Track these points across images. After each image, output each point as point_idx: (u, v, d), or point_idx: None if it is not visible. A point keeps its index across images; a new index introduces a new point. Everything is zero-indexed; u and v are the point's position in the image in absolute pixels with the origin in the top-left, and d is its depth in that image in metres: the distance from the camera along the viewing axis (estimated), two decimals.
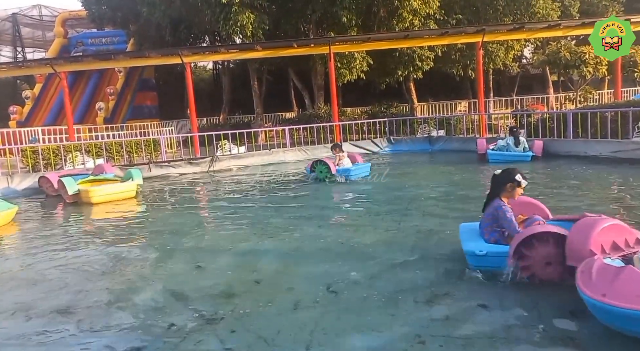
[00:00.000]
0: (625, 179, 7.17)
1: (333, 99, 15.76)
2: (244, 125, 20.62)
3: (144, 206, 7.70)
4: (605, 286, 2.41)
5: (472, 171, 9.16)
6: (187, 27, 20.22)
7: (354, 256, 4.13)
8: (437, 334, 2.60)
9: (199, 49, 18.96)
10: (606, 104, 15.40)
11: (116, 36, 25.07)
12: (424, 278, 3.45)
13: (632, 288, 2.32)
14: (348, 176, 8.38)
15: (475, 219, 4.09)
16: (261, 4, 17.15)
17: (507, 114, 15.33)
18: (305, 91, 22.34)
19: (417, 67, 18.99)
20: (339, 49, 16.06)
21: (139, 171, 8.67)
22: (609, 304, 2.32)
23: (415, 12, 17.58)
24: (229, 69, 25.39)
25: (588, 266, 2.63)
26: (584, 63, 15.41)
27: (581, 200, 5.91)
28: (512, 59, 21.82)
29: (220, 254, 4.44)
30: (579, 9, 22.10)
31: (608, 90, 21.18)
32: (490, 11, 19.84)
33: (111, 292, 3.57)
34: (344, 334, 2.68)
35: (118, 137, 15.05)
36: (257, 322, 2.88)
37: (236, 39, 19.13)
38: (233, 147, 13.22)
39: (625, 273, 2.42)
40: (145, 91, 25.75)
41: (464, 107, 23.54)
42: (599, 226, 2.91)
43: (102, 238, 5.42)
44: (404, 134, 15.02)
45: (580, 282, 2.57)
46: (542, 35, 17.01)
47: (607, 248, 2.86)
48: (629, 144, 8.99)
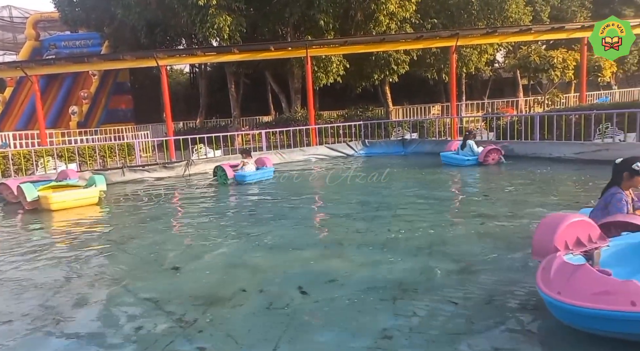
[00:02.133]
0: (585, 179, 7.49)
1: (310, 103, 15.88)
2: (221, 129, 20.48)
3: (106, 212, 7.46)
4: (562, 284, 2.46)
5: (435, 172, 9.35)
6: (163, 29, 20.05)
7: (326, 256, 4.21)
8: (403, 329, 2.68)
9: (175, 51, 18.81)
10: (571, 107, 15.99)
11: (90, 39, 24.64)
12: (393, 276, 3.54)
13: (586, 286, 2.36)
14: (243, 180, 9.10)
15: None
16: (238, 6, 17.15)
17: (479, 117, 15.74)
18: (283, 95, 22.40)
19: (392, 70, 19.31)
20: (316, 53, 16.20)
21: (102, 177, 8.51)
22: (563, 302, 2.37)
23: (392, 15, 17.88)
24: (206, 72, 25.24)
25: (549, 263, 2.68)
26: (552, 67, 16.00)
27: (541, 199, 6.15)
28: (485, 63, 22.40)
29: (188, 258, 4.43)
30: (549, 15, 22.90)
31: (574, 94, 21.98)
32: (464, 15, 20.34)
33: (73, 298, 3.52)
34: (313, 331, 2.75)
35: (92, 142, 14.78)
36: (228, 323, 2.91)
37: (213, 41, 19.04)
38: (209, 151, 13.16)
39: (581, 272, 2.46)
40: (120, 94, 25.36)
41: (438, 111, 24.02)
42: (565, 222, 2.92)
43: (59, 244, 5.33)
44: (379, 137, 15.25)
45: (540, 279, 2.61)
46: (514, 39, 17.56)
47: (570, 244, 2.89)
48: (591, 146, 9.38)
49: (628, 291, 2.25)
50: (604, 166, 8.51)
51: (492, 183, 7.90)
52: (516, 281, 3.28)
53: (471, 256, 3.94)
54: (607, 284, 2.34)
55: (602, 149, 9.11)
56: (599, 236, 2.98)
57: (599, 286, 2.34)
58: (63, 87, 23.59)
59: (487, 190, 7.15)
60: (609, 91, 25.24)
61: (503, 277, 3.40)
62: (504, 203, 6.10)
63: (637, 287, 2.26)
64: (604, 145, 9.24)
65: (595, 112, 10.27)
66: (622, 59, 23.52)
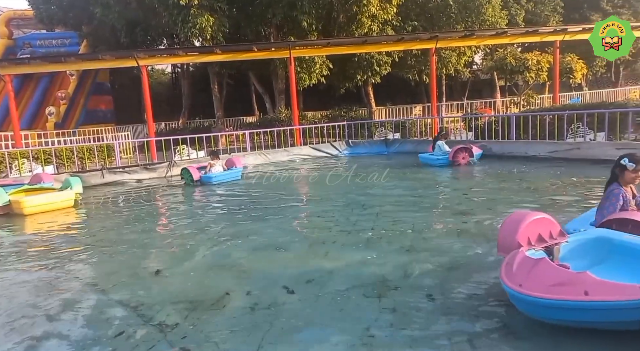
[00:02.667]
0: (558, 176, 7.80)
1: (293, 103, 15.95)
2: (204, 129, 20.35)
3: (84, 215, 7.31)
4: (523, 277, 2.60)
5: (417, 172, 9.56)
6: (144, 29, 19.78)
7: (310, 256, 4.27)
8: (385, 326, 2.75)
9: (156, 51, 18.60)
10: (546, 107, 16.53)
11: (68, 38, 24.09)
12: (377, 274, 3.62)
13: (544, 279, 2.52)
14: (210, 181, 9.43)
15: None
16: (221, 7, 17.08)
17: (458, 118, 16.11)
18: (267, 95, 22.39)
19: (375, 72, 19.55)
20: (299, 54, 16.28)
21: (78, 179, 8.31)
22: (524, 293, 2.51)
23: (374, 17, 18.12)
24: (189, 73, 25.02)
25: (512, 259, 2.84)
26: (527, 69, 16.50)
27: (519, 196, 6.39)
28: (464, 65, 22.90)
29: (169, 261, 4.41)
30: (523, 18, 23.59)
31: (548, 94, 22.69)
32: (443, 18, 20.76)
33: (50, 304, 3.45)
34: (297, 331, 2.77)
35: (70, 143, 14.51)
36: (210, 326, 2.89)
37: (195, 42, 18.92)
38: (192, 151, 13.11)
39: (540, 265, 2.63)
40: (100, 94, 24.88)
41: (419, 111, 24.42)
42: (527, 219, 3.11)
43: (33, 249, 5.21)
44: (362, 137, 15.44)
45: (503, 273, 2.75)
46: (491, 42, 18.03)
47: (533, 240, 3.05)
48: (564, 145, 9.76)
49: (581, 281, 2.42)
50: (577, 163, 8.93)
51: (472, 181, 8.13)
52: (494, 277, 3.39)
53: (452, 253, 4.06)
54: (563, 276, 2.51)
55: (574, 148, 9.50)
56: (559, 232, 3.18)
57: (556, 278, 2.50)
58: (39, 87, 22.98)
59: (466, 189, 7.36)
60: (580, 92, 26.16)
61: (482, 273, 3.52)
62: (483, 200, 6.30)
63: (590, 278, 2.44)
64: (575, 144, 9.62)
65: (568, 112, 10.69)
66: (591, 62, 24.44)
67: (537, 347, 2.46)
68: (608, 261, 3.09)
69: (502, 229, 3.22)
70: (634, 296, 2.26)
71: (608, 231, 3.30)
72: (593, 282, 2.40)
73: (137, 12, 18.46)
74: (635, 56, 27.10)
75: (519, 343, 2.51)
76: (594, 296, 2.32)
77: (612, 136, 9.88)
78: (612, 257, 3.11)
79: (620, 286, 2.36)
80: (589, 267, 2.96)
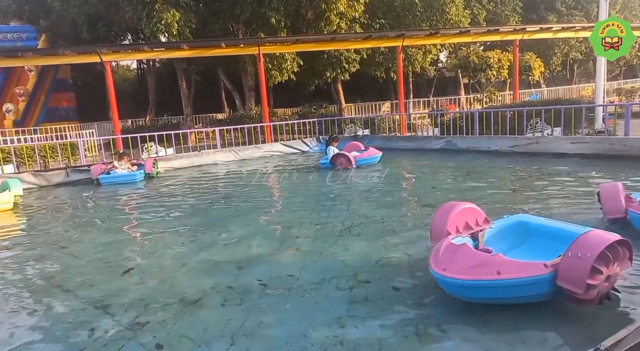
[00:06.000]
0: (518, 169, 8.25)
1: (264, 100, 15.94)
2: (173, 127, 20.00)
3: (20, 218, 7.04)
4: (447, 261, 2.82)
5: (385, 167, 9.84)
6: (107, 24, 19.19)
7: (282, 251, 4.34)
8: (357, 317, 2.84)
9: (120, 47, 18.06)
10: (506, 104, 17.28)
11: (24, 32, 22.91)
12: (348, 267, 3.73)
13: (464, 262, 2.76)
14: (106, 182, 9.84)
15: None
16: (187, 2, 16.79)
17: (425, 114, 16.59)
18: (236, 92, 22.22)
19: (344, 69, 19.80)
20: (268, 50, 16.26)
21: (17, 181, 8.10)
22: (447, 276, 2.72)
23: (342, 15, 18.32)
24: (155, 69, 24.45)
25: (439, 246, 3.03)
26: (489, 67, 17.19)
27: (482, 188, 6.73)
28: (430, 63, 23.55)
29: (139, 260, 4.38)
30: (485, 18, 24.49)
31: (509, 92, 23.71)
32: (409, 17, 21.26)
33: (14, 306, 3.39)
34: (270, 325, 2.80)
35: (30, 141, 13.93)
36: (182, 323, 2.89)
37: (161, 37, 18.51)
38: (160, 149, 12.89)
39: (461, 250, 2.88)
40: (61, 91, 23.89)
41: (388, 108, 24.94)
42: (455, 209, 3.34)
43: None
44: (333, 133, 15.62)
45: (431, 259, 2.95)
46: (455, 40, 18.63)
47: (460, 228, 3.28)
48: (523, 140, 10.28)
49: (494, 262, 2.71)
50: (535, 157, 9.45)
51: (439, 175, 8.45)
52: None
53: (420, 244, 4.19)
54: (479, 258, 2.79)
55: (532, 142, 10.02)
56: (484, 220, 3.47)
57: (473, 261, 2.77)
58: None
59: (433, 182, 7.67)
60: (538, 89, 27.46)
61: None
62: (449, 193, 6.59)
63: (501, 259, 2.73)
64: (534, 138, 10.15)
65: (527, 109, 11.26)
66: (548, 60, 25.70)
67: (500, 329, 2.59)
68: (526, 243, 3.45)
69: (433, 220, 3.43)
70: (538, 272, 2.56)
71: (527, 216, 3.69)
72: (504, 262, 2.69)
73: (98, 7, 17.88)
74: (588, 56, 28.68)
75: (484, 329, 2.61)
76: (505, 274, 2.59)
77: (567, 131, 10.50)
78: (529, 239, 3.47)
79: (528, 264, 2.66)
80: (509, 250, 3.32)
